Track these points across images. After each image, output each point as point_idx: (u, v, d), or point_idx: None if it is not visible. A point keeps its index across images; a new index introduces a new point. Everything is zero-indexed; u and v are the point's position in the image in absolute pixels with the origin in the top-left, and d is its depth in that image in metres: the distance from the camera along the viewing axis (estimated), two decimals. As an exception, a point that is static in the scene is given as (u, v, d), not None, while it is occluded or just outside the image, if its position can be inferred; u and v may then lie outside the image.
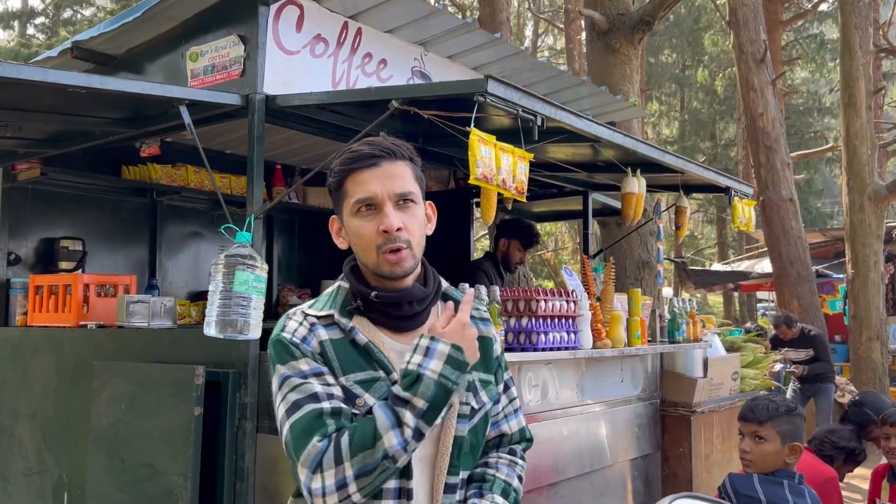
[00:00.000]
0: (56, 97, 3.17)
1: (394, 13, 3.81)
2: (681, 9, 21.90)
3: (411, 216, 1.46)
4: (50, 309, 3.99)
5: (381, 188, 1.43)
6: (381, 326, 1.48)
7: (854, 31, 8.66)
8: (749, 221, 4.57)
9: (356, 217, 1.45)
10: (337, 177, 1.48)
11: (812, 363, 7.37)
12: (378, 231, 1.43)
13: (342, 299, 1.50)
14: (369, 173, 1.44)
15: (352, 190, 1.45)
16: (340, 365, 1.41)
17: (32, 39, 16.80)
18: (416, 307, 1.49)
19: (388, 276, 1.45)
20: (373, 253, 1.44)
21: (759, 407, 2.53)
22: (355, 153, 1.46)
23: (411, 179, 1.48)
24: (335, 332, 1.45)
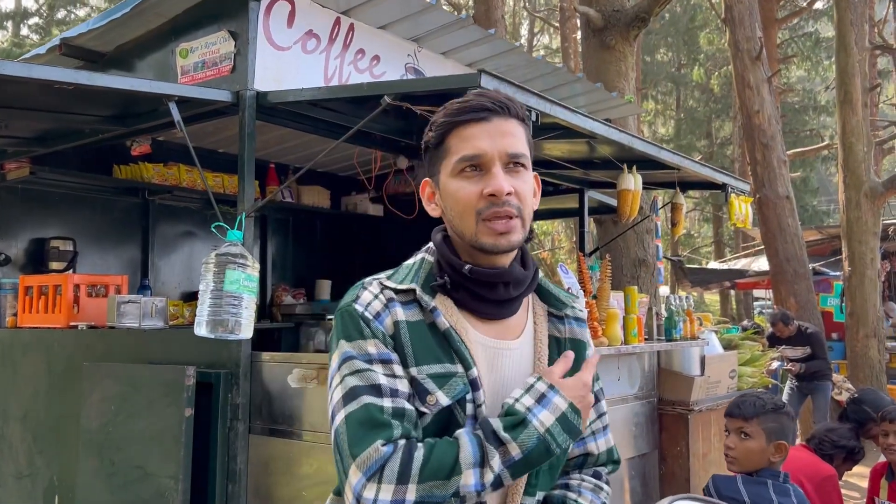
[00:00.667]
0: (44, 94, 3.12)
1: (387, 8, 3.77)
2: (676, 7, 21.90)
3: (523, 181, 1.23)
4: (40, 310, 3.94)
5: (492, 146, 1.21)
6: (465, 310, 1.25)
7: (850, 28, 8.64)
8: (746, 218, 4.54)
9: (458, 178, 1.22)
10: (439, 130, 1.25)
11: (809, 361, 7.35)
12: (482, 194, 1.20)
13: (426, 273, 1.27)
14: (478, 128, 1.21)
15: (456, 146, 1.22)
16: (414, 353, 1.20)
17: (26, 40, 16.73)
18: (513, 291, 1.27)
19: (489, 250, 1.22)
20: (471, 220, 1.21)
21: (745, 403, 2.50)
22: (464, 104, 1.23)
23: (524, 140, 1.25)
24: (414, 311, 1.23)
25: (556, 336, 1.33)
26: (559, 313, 1.35)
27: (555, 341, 1.32)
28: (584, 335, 1.38)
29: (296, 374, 3.03)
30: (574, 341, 1.35)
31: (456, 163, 1.22)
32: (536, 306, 1.35)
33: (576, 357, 1.30)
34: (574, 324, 1.37)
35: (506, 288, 1.25)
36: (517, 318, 1.30)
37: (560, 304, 1.36)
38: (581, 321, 1.40)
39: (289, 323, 5.28)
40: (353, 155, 5.17)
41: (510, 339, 1.28)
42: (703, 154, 23.04)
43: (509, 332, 1.28)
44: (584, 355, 1.35)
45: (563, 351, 1.30)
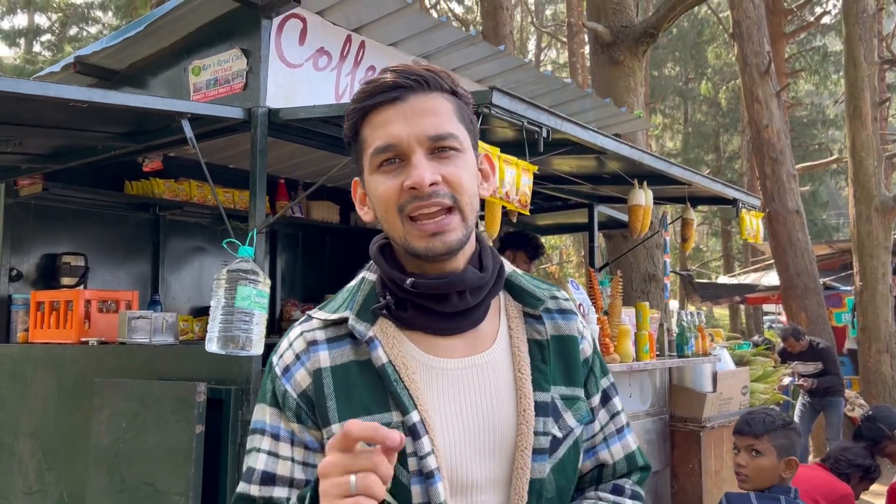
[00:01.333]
0: (58, 112, 3.14)
1: (397, 26, 3.79)
2: (684, 22, 21.97)
3: (456, 166, 1.01)
4: (51, 325, 3.95)
5: (408, 130, 0.99)
6: (416, 331, 1.05)
7: (858, 43, 8.64)
8: (757, 233, 4.53)
9: (377, 173, 1.02)
10: (351, 120, 1.05)
11: (821, 376, 7.30)
12: (402, 188, 0.99)
13: (365, 295, 1.08)
14: (392, 111, 1.00)
15: (370, 136, 1.02)
16: (338, 407, 1.00)
17: (38, 56, 16.91)
18: (470, 299, 1.04)
19: (422, 255, 1.01)
20: (397, 221, 1.01)
21: (755, 420, 2.49)
22: (370, 84, 1.03)
23: (452, 118, 1.02)
24: (344, 349, 1.04)
25: (536, 339, 1.10)
26: (535, 312, 1.11)
27: (536, 345, 1.09)
28: (572, 328, 1.14)
29: (306, 391, 3.02)
30: (561, 339, 1.12)
31: (371, 156, 1.02)
32: (510, 307, 1.12)
33: (569, 353, 1.12)
34: (559, 317, 1.14)
35: (461, 297, 1.04)
36: (487, 326, 1.08)
37: (535, 301, 1.12)
38: (568, 313, 1.16)
39: (298, 338, 5.27)
40: (362, 170, 5.18)
41: (479, 352, 1.06)
42: (711, 168, 23.03)
43: (478, 344, 1.07)
44: (577, 352, 1.13)
45: (547, 355, 1.09)
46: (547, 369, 1.08)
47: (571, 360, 1.12)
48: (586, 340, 1.17)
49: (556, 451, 1.06)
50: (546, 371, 1.08)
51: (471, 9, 22.18)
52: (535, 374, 1.07)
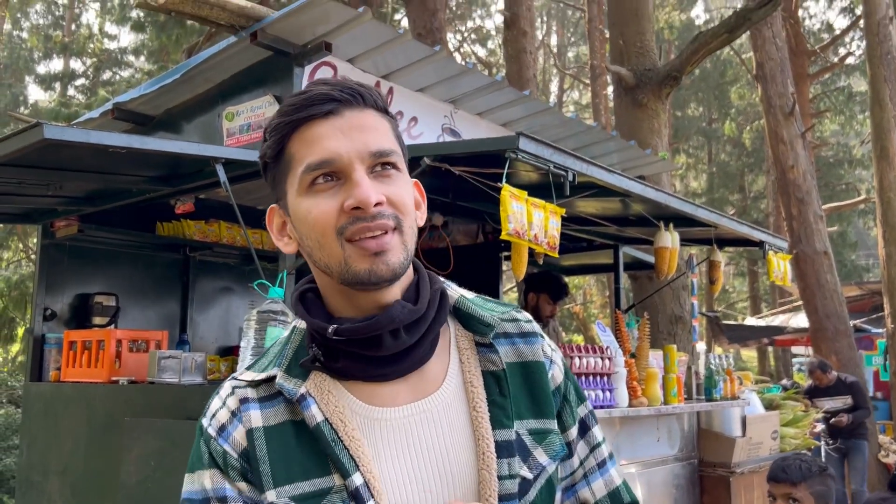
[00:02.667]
0: (96, 157, 3.24)
1: (424, 73, 3.88)
2: (706, 63, 22.07)
3: (397, 187, 0.92)
4: (83, 364, 4.02)
5: (348, 145, 0.90)
6: (354, 380, 0.94)
7: (883, 84, 8.64)
8: (785, 276, 4.50)
9: (308, 195, 0.91)
10: (275, 135, 0.93)
11: (853, 412, 7.14)
12: (342, 208, 0.89)
13: (295, 348, 0.97)
14: (326, 125, 0.91)
15: (299, 153, 0.91)
16: (272, 471, 0.90)
17: (72, 100, 17.39)
18: (406, 338, 0.93)
19: (365, 280, 0.89)
20: (335, 246, 0.89)
21: (791, 467, 2.44)
22: (302, 96, 0.93)
23: (390, 135, 0.94)
24: (277, 408, 0.94)
25: (490, 370, 0.97)
26: (485, 340, 0.99)
27: (491, 378, 0.97)
28: (536, 353, 1.01)
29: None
30: (524, 366, 1.00)
31: (302, 174, 0.90)
32: (461, 338, 1.00)
33: (536, 381, 0.99)
34: (520, 342, 1.01)
35: (394, 337, 0.92)
36: (435, 364, 0.96)
37: (484, 328, 0.99)
38: (530, 336, 1.03)
39: (324, 378, 5.29)
40: (389, 212, 5.25)
41: (427, 395, 0.95)
42: (737, 208, 22.91)
43: (425, 387, 0.95)
44: (544, 379, 1.00)
45: (505, 387, 0.96)
46: (506, 403, 0.96)
47: (539, 389, 0.99)
48: (556, 365, 1.03)
49: (526, 493, 0.93)
50: (505, 405, 0.95)
51: (493, 52, 22.53)
52: (493, 409, 0.95)
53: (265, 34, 3.32)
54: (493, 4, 24.32)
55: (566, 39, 28.06)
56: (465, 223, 5.58)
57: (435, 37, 9.77)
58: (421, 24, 9.90)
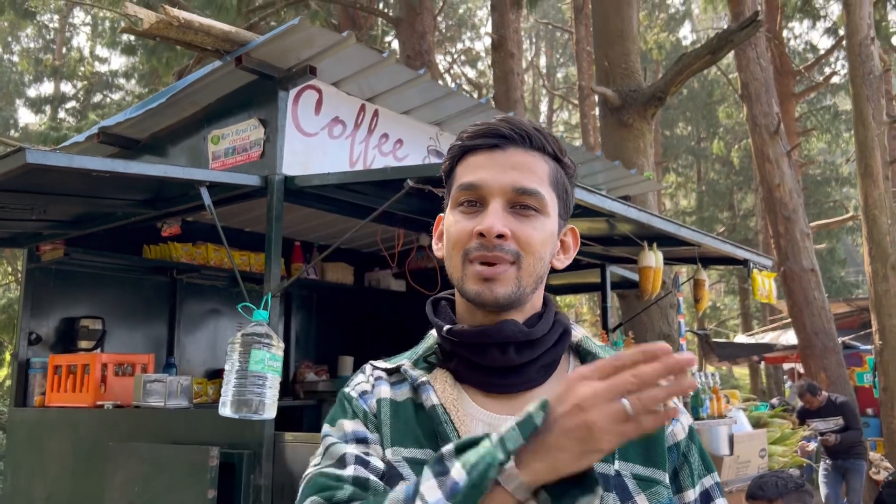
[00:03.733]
0: (81, 181, 3.25)
1: (409, 95, 3.92)
2: (694, 83, 22.32)
3: (530, 226, 0.99)
4: (68, 389, 4.00)
5: (496, 177, 0.99)
6: (467, 384, 1.03)
7: (866, 103, 8.73)
8: (770, 293, 4.52)
9: (455, 210, 1.03)
10: (450, 155, 1.07)
11: (843, 432, 7.14)
12: (472, 232, 0.98)
13: (426, 348, 1.09)
14: (486, 157, 1.01)
15: (460, 174, 1.04)
16: (392, 433, 1.01)
17: (62, 123, 17.40)
18: (514, 356, 0.99)
19: (471, 299, 0.99)
20: (458, 261, 1.00)
21: (767, 484, 2.46)
22: (478, 127, 1.04)
23: (544, 179, 1.01)
24: (402, 389, 1.05)
25: None
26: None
27: None
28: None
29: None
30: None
31: (456, 192, 1.03)
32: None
33: (649, 434, 1.02)
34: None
35: (501, 351, 0.99)
36: (546, 391, 1.00)
37: None
38: None
39: (311, 400, 5.28)
40: (376, 232, 5.27)
41: None
42: (727, 226, 23.04)
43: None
44: (660, 431, 1.02)
45: None
46: None
47: (652, 439, 1.01)
48: (679, 424, 1.05)
49: None
50: None
51: (483, 72, 22.71)
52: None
53: (250, 58, 3.35)
54: (482, 27, 24.55)
55: (555, 60, 28.33)
56: (453, 244, 5.59)
57: (424, 59, 9.86)
58: (410, 47, 10.00)
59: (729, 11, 11.03)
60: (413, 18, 9.87)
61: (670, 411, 0.75)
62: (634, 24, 7.06)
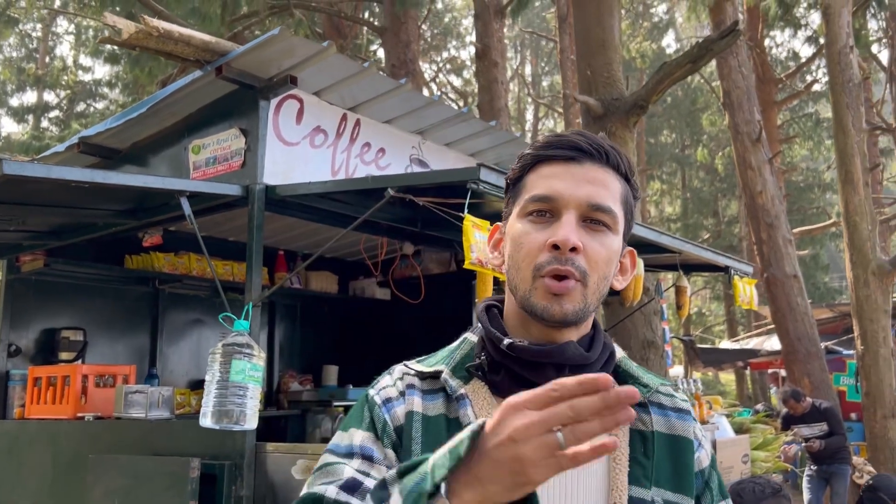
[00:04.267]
0: (61, 191, 3.24)
1: (392, 104, 3.93)
2: (678, 91, 22.50)
3: (599, 242, 0.99)
4: (48, 401, 3.96)
5: (572, 189, 0.98)
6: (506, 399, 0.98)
7: (846, 111, 8.84)
8: (751, 300, 4.56)
9: (524, 220, 1.01)
10: (521, 163, 1.05)
11: (827, 437, 7.19)
12: (545, 244, 0.97)
13: (463, 354, 1.05)
14: (563, 168, 1.00)
15: (532, 183, 1.01)
16: (421, 451, 0.97)
17: (45, 132, 17.29)
18: (568, 376, 0.97)
19: (539, 314, 0.97)
20: (528, 274, 0.98)
21: (745, 490, 2.49)
22: (554, 137, 1.03)
23: (616, 197, 1.01)
24: (437, 402, 1.01)
25: (639, 429, 1.01)
26: (641, 399, 1.01)
27: (638, 436, 1.01)
28: (687, 430, 1.04)
29: (300, 466, 3.01)
30: (673, 438, 1.02)
31: (526, 202, 1.01)
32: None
33: (681, 456, 1.02)
34: (673, 415, 1.05)
35: (558, 371, 0.97)
36: None
37: (642, 388, 1.03)
38: (684, 413, 1.06)
39: (295, 410, 5.25)
40: (360, 241, 5.26)
41: None
42: (711, 233, 23.19)
43: None
44: (690, 456, 1.03)
45: (650, 449, 0.99)
46: (649, 464, 0.99)
47: (682, 465, 1.01)
48: (704, 450, 1.06)
49: None
50: (647, 466, 0.99)
51: (469, 81, 22.78)
52: (634, 466, 0.98)
53: (230, 68, 3.35)
54: (468, 35, 24.64)
55: (540, 69, 28.47)
56: (438, 252, 5.60)
57: (409, 67, 9.88)
58: (395, 56, 10.02)
59: (710, 20, 11.15)
60: (398, 27, 9.91)
61: (607, 444, 0.71)
62: (616, 34, 7.11)
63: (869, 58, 17.54)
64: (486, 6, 9.52)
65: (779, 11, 12.45)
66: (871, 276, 8.60)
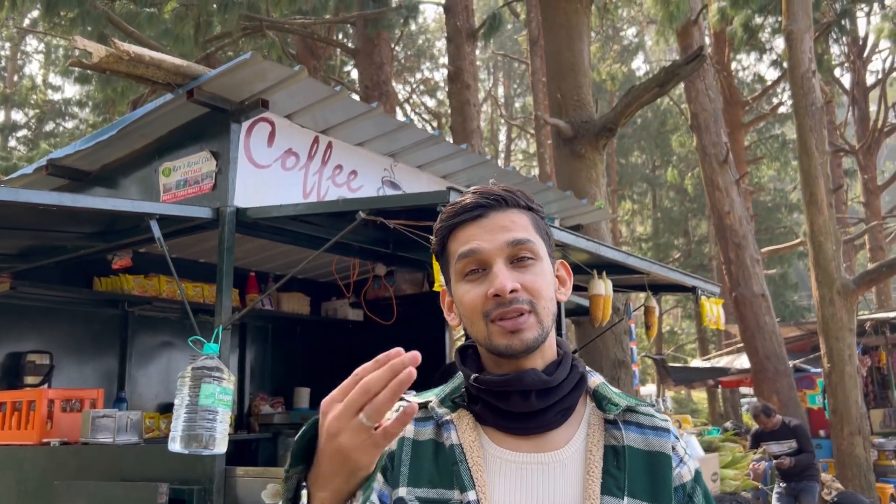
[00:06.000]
0: (29, 214, 3.21)
1: (363, 127, 3.96)
2: (647, 113, 22.86)
3: (532, 273, 1.10)
4: (12, 426, 3.89)
5: (490, 241, 1.10)
6: (489, 426, 1.11)
7: (810, 134, 9.05)
8: (718, 319, 4.63)
9: (463, 282, 1.13)
10: (439, 236, 1.18)
11: (797, 454, 7.28)
12: (486, 295, 1.09)
13: (453, 387, 1.17)
14: (475, 227, 1.13)
15: (455, 249, 1.14)
16: (409, 473, 1.08)
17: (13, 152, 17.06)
18: (535, 402, 1.08)
19: (503, 352, 1.09)
20: (481, 324, 1.10)
21: None
22: (456, 205, 1.16)
23: (529, 228, 1.14)
24: (428, 429, 1.12)
25: (612, 444, 1.10)
26: (610, 416, 1.12)
27: (611, 451, 1.09)
28: (664, 446, 1.11)
29: (270, 490, 2.99)
30: (650, 454, 1.10)
31: (457, 265, 1.13)
32: (593, 416, 1.14)
33: (658, 470, 1.09)
34: (651, 434, 1.13)
35: (523, 398, 1.08)
36: (563, 432, 1.11)
37: (611, 406, 1.13)
38: (662, 431, 1.14)
39: (266, 433, 5.21)
40: (332, 262, 5.27)
41: (547, 451, 1.09)
42: (682, 252, 23.48)
43: (548, 445, 1.10)
44: (667, 471, 1.10)
45: (623, 462, 1.08)
46: (621, 476, 1.07)
47: (659, 478, 1.09)
48: (685, 466, 1.14)
49: None
50: (619, 477, 1.07)
51: (442, 102, 22.94)
52: (606, 478, 1.06)
53: (202, 91, 3.36)
54: (441, 57, 24.84)
55: (512, 91, 28.76)
56: (411, 272, 5.62)
57: (382, 89, 9.95)
58: (368, 77, 10.08)
59: (678, 44, 11.38)
60: (371, 49, 9.98)
61: (407, 410, 0.81)
62: (586, 58, 7.24)
63: (831, 81, 18.02)
64: (458, 29, 9.64)
65: (744, 36, 12.76)
66: (837, 295, 8.77)
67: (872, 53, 19.35)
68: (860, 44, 18.57)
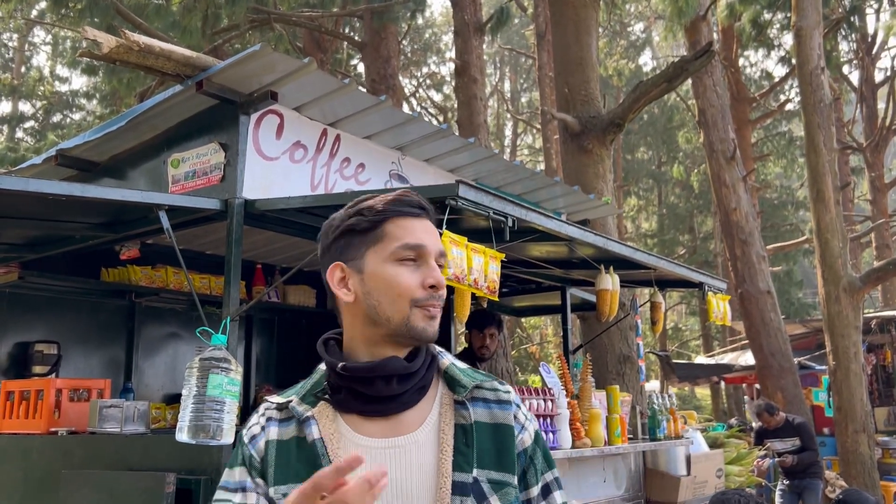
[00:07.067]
0: (37, 204, 3.22)
1: (372, 120, 3.95)
2: (654, 108, 22.78)
3: (444, 278, 1.29)
4: (20, 415, 3.91)
5: (431, 241, 1.25)
6: (349, 413, 1.21)
7: (818, 131, 9.02)
8: (724, 316, 4.63)
9: (395, 264, 1.22)
10: (376, 217, 1.25)
11: (800, 452, 7.27)
12: (423, 284, 1.21)
13: (313, 382, 1.27)
14: (417, 222, 1.25)
15: (396, 233, 1.23)
16: (275, 473, 1.19)
17: (21, 143, 17.10)
18: (396, 386, 1.20)
19: (417, 336, 1.21)
20: (406, 306, 1.20)
21: (730, 501, 2.52)
22: (402, 197, 1.27)
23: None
24: (290, 427, 1.22)
25: (461, 423, 1.22)
26: (459, 398, 1.24)
27: (460, 430, 1.21)
28: (508, 417, 1.25)
29: (277, 480, 3.00)
30: (496, 427, 1.24)
31: (397, 248, 1.22)
32: (444, 397, 1.26)
33: (503, 440, 1.23)
34: (496, 407, 1.25)
35: (386, 383, 1.20)
36: (418, 412, 1.22)
37: (460, 388, 1.25)
38: (505, 403, 1.27)
39: (272, 425, 5.22)
40: (338, 256, 5.27)
41: (403, 434, 1.20)
42: (687, 248, 23.43)
43: (405, 427, 1.21)
44: (511, 440, 1.23)
45: (471, 439, 1.20)
46: (469, 452, 1.20)
47: (504, 447, 1.23)
48: (526, 432, 1.28)
49: None
50: (468, 453, 1.20)
51: (448, 96, 22.91)
52: (457, 455, 1.19)
53: (211, 83, 3.36)
54: (448, 51, 24.81)
55: (519, 85, 28.71)
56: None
57: (389, 82, 9.93)
58: (375, 71, 10.07)
59: (686, 39, 11.34)
60: (377, 43, 9.96)
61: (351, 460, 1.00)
62: (594, 52, 7.22)
63: (840, 78, 17.94)
64: (465, 23, 9.61)
65: (752, 32, 12.70)
66: (843, 292, 8.75)
67: (881, 51, 19.24)
68: (869, 41, 18.47)
